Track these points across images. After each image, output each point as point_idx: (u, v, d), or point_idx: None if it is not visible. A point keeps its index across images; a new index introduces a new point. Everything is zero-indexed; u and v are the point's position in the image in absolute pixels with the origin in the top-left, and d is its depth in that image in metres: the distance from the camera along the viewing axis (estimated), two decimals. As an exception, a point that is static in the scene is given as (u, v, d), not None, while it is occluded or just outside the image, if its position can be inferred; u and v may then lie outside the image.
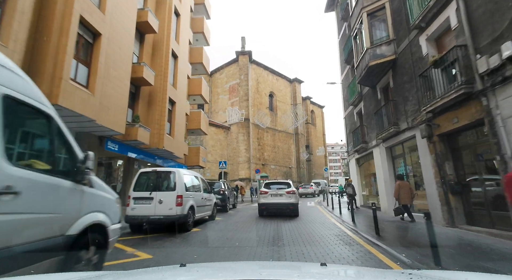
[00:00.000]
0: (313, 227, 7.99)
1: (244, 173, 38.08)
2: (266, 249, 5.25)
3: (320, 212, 12.65)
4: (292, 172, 47.49)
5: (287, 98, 51.47)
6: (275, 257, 4.72)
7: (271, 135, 45.21)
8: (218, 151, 39.49)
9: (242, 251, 5.19)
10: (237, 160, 39.26)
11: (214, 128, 40.09)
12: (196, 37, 21.81)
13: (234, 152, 40.28)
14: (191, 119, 19.75)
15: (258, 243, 5.85)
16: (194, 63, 20.94)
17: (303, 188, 29.90)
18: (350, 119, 16.05)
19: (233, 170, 40.03)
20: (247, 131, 39.63)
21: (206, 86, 21.92)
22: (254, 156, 40.32)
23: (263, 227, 7.98)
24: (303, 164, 50.70)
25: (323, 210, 13.71)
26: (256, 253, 4.97)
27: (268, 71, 47.26)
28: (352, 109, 15.29)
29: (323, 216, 11.21)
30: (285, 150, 47.63)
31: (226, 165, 19.06)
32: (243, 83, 41.44)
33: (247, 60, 42.42)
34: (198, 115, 19.83)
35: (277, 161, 44.95)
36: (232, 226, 8.49)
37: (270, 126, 45.31)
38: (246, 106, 40.72)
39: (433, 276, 1.28)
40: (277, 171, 44.20)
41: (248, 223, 9.12)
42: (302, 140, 51.83)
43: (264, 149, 43.02)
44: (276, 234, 6.84)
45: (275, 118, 47.17)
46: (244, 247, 5.46)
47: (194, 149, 19.39)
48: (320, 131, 64.81)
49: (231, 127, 41.54)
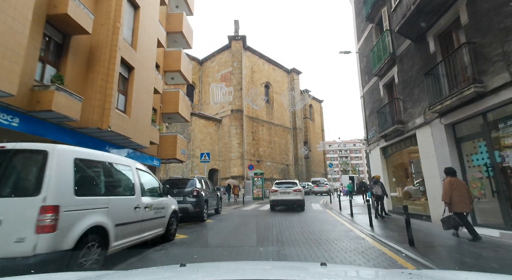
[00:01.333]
0: (342, 258, 4.10)
1: (237, 170, 34.10)
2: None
3: (337, 222, 8.75)
4: (289, 169, 43.63)
5: (285, 90, 47.51)
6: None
7: (267, 129, 41.27)
8: (208, 146, 35.42)
9: None
10: (229, 156, 35.27)
11: (204, 120, 36.00)
12: (176, 2, 17.73)
13: (226, 147, 36.27)
14: (167, 101, 15.70)
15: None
16: (172, 32, 16.85)
17: (318, 187, 31.00)
18: (371, 97, 12.17)
19: (224, 166, 36.01)
20: (240, 123, 35.63)
21: (188, 62, 17.86)
22: (248, 151, 36.35)
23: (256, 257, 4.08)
24: (301, 161, 46.87)
25: (338, 217, 9.83)
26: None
27: (264, 59, 43.26)
28: (376, 81, 11.40)
29: (345, 230, 7.30)
30: (282, 146, 43.73)
31: (210, 158, 15.05)
32: (236, 71, 37.38)
33: (240, 46, 38.36)
34: (176, 96, 15.77)
35: (273, 157, 41.04)
36: (196, 256, 4.57)
37: (266, 120, 41.37)
38: (240, 97, 36.70)
39: (433, 276, 1.31)
40: (273, 168, 40.30)
41: (226, 250, 5.18)
42: (301, 135, 48.01)
43: (259, 143, 39.06)
44: None
45: (271, 111, 43.23)
46: None
47: (169, 138, 15.34)
48: (318, 127, 61.13)
49: (223, 119, 37.51)
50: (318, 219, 9.58)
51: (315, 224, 8.48)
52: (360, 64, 13.45)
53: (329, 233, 6.83)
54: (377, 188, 9.33)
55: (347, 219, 9.48)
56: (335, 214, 11.31)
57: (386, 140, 10.56)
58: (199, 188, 9.20)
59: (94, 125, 8.28)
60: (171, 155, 15.11)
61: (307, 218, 9.89)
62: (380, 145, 11.18)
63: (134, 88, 10.34)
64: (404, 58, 9.05)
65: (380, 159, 11.27)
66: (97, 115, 8.36)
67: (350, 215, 10.05)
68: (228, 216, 11.22)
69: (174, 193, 8.84)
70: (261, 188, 24.91)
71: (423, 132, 7.96)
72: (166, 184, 9.26)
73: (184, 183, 9.34)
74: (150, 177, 5.51)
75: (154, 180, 5.67)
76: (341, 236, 6.49)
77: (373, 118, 11.84)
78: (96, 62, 8.71)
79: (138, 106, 10.76)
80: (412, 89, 8.57)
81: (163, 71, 16.14)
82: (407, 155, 9.98)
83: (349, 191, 19.24)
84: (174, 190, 8.91)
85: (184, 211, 8.76)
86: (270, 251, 5.03)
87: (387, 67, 10.21)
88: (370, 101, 12.21)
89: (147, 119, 11.68)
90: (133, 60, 10.25)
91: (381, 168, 11.17)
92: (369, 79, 12.21)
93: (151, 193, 5.28)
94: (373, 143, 11.96)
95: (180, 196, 8.79)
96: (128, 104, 10.03)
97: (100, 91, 8.50)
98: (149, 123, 11.89)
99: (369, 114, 12.46)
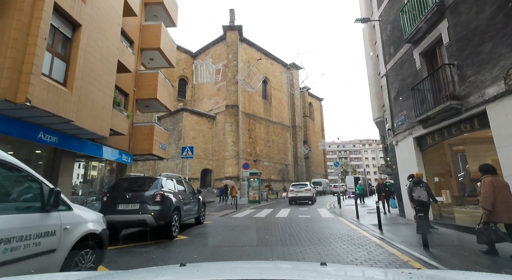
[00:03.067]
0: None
1: (232, 170, 31.23)
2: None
3: (365, 240, 5.91)
4: (288, 169, 40.85)
5: (283, 86, 44.83)
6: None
7: (265, 126, 38.49)
8: (201, 144, 32.58)
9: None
10: (224, 155, 32.43)
11: (196, 117, 33.17)
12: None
13: (220, 146, 33.45)
14: (143, 85, 12.88)
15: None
16: (151, 2, 14.07)
17: (336, 188, 29.94)
18: (399, 73, 9.42)
19: (218, 166, 33.16)
20: (235, 120, 32.80)
21: (172, 41, 15.06)
22: (244, 150, 33.53)
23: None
24: (301, 161, 44.08)
25: (361, 230, 7.01)
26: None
27: (262, 53, 40.48)
28: (408, 50, 8.64)
29: (390, 258, 4.48)
30: (280, 145, 40.95)
31: (193, 153, 12.17)
32: (231, 63, 34.56)
33: (236, 37, 35.65)
34: (154, 78, 12.96)
35: (271, 156, 38.23)
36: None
37: (263, 117, 38.62)
38: (235, 91, 33.97)
39: (433, 276, 1.29)
40: (271, 168, 37.49)
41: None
42: (300, 134, 45.27)
43: (256, 142, 36.26)
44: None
45: (269, 107, 40.50)
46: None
47: (144, 129, 12.50)
48: (318, 126, 58.56)
49: (217, 116, 34.71)
50: (335, 234, 6.76)
51: (333, 243, 5.67)
52: (382, 35, 10.71)
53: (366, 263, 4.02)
54: (420, 191, 6.55)
55: (375, 234, 6.70)
56: (352, 224, 8.54)
57: (425, 126, 7.80)
58: (165, 191, 6.35)
59: (0, 96, 5.44)
60: (146, 149, 12.27)
61: (319, 232, 7.09)
62: (415, 134, 8.42)
63: (81, 55, 7.49)
64: (461, 5, 6.30)
65: (413, 152, 8.50)
66: (7, 81, 5.52)
67: (377, 227, 7.27)
68: (212, 227, 8.37)
69: (127, 198, 6.02)
70: (257, 189, 22.08)
71: (502, 106, 5.21)
72: (116, 186, 6.44)
73: (144, 183, 6.48)
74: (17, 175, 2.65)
75: (33, 182, 2.79)
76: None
77: (402, 100, 9.09)
78: (10, 4, 5.87)
79: (89, 80, 7.92)
80: (478, 47, 5.82)
81: (139, 48, 13.33)
82: (460, 145, 7.24)
83: (360, 194, 16.31)
84: (127, 194, 6.09)
85: (140, 225, 5.95)
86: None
87: (428, 26, 7.45)
88: (398, 79, 9.46)
89: (106, 101, 8.83)
90: (79, 14, 7.40)
91: (415, 163, 8.40)
92: (396, 51, 9.46)
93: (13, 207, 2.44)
94: (402, 132, 9.21)
95: (135, 203, 5.97)
96: (70, 74, 7.16)
97: (14, 46, 5.65)
98: (109, 106, 9.04)
99: (395, 96, 9.70)
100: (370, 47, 25.82)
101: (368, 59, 26.46)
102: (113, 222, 5.73)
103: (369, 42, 26.21)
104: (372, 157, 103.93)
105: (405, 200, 8.54)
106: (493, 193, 4.35)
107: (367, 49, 26.63)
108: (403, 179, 9.11)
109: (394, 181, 10.38)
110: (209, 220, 10.30)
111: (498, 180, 4.52)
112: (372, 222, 9.00)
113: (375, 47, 24.95)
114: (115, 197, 6.07)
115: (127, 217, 5.83)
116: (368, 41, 26.32)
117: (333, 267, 1.84)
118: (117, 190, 6.27)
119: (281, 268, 1.71)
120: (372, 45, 25.50)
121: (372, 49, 25.57)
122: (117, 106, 9.92)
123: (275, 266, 1.93)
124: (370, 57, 25.92)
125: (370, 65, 25.83)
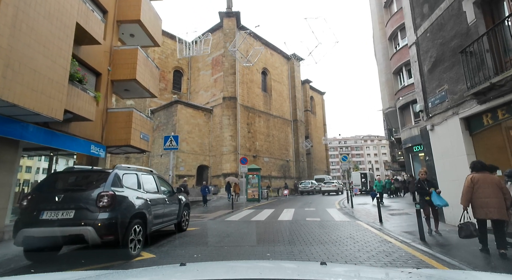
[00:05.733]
0: None
1: (230, 167, 29.21)
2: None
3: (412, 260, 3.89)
4: (290, 165, 38.81)
5: (284, 78, 42.70)
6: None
7: (265, 120, 36.43)
8: (197, 139, 30.53)
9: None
10: (221, 150, 30.40)
11: (192, 110, 31.02)
12: None
13: (217, 141, 31.40)
14: (120, 64, 10.79)
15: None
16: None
17: (326, 185, 29.25)
18: (437, 36, 7.29)
19: (215, 162, 31.12)
20: (233, 113, 30.73)
21: (156, 15, 12.94)
22: (242, 145, 31.50)
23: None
24: (303, 157, 42.07)
25: (394, 240, 4.95)
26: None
27: (261, 42, 38.21)
28: (454, 1, 6.54)
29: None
30: (281, 140, 38.90)
31: (178, 143, 10.07)
32: (228, 52, 32.39)
33: (234, 24, 33.48)
34: (133, 56, 10.86)
35: (272, 152, 36.20)
36: None
37: (263, 110, 36.55)
38: (233, 82, 31.88)
39: (432, 275, 1.28)
40: (272, 164, 35.47)
41: None
42: (302, 128, 43.21)
43: (256, 137, 34.22)
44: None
45: (269, 100, 38.40)
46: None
47: (121, 115, 10.44)
48: (320, 121, 56.46)
49: (214, 109, 32.59)
50: (364, 249, 4.71)
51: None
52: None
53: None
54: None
55: (418, 247, 4.68)
56: (379, 231, 6.53)
57: (482, 101, 5.73)
58: (119, 191, 4.30)
59: None
60: (123, 140, 10.24)
61: (340, 245, 5.04)
62: (462, 113, 6.36)
63: (8, 1, 5.41)
64: None
65: (461, 136, 6.44)
66: None
67: (413, 235, 5.24)
68: (194, 238, 6.31)
69: (56, 202, 3.98)
70: (257, 187, 20.09)
71: None
72: (45, 184, 4.40)
73: (87, 180, 4.44)
74: None
75: None
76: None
77: (443, 70, 7.01)
78: None
79: (26, 41, 5.85)
80: None
81: (115, 21, 11.22)
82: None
83: (379, 192, 13.93)
84: (57, 196, 4.04)
85: (75, 241, 3.95)
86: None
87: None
88: (435, 44, 7.35)
89: (58, 73, 6.75)
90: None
91: (463, 152, 6.35)
92: (433, 8, 7.34)
93: None
94: (442, 112, 7.13)
95: (69, 209, 3.91)
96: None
97: None
98: (63, 80, 6.95)
99: (430, 68, 7.60)
100: (380, 31, 23.70)
101: (377, 43, 24.29)
102: (34, 240, 3.72)
103: (378, 25, 24.08)
104: (374, 153, 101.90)
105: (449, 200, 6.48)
106: (469, 190, 4.41)
107: (376, 33, 24.50)
108: (445, 173, 7.08)
109: (429, 176, 8.30)
110: (196, 225, 8.28)
111: (483, 176, 4.42)
112: (402, 227, 7.00)
113: (385, 30, 22.85)
114: (40, 201, 4.03)
115: (54, 231, 3.78)
116: (377, 24, 24.16)
117: (333, 266, 1.85)
118: (46, 190, 4.22)
119: (281, 267, 1.71)
120: (382, 28, 23.37)
121: (382, 32, 23.45)
122: (78, 83, 7.84)
123: (275, 265, 1.95)
124: (379, 41, 23.80)
125: (380, 50, 23.69)
